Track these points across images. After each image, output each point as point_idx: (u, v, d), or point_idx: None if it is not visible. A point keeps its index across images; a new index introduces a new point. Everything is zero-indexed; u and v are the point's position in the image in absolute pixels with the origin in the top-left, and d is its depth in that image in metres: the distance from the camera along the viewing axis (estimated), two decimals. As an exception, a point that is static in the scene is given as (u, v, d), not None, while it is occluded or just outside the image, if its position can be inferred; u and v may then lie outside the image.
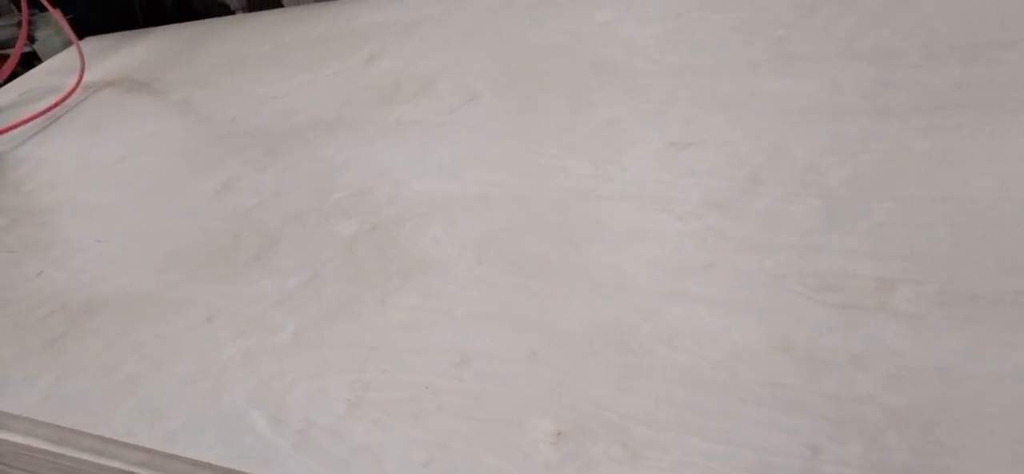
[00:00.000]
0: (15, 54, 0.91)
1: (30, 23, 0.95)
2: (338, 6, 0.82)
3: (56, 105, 0.80)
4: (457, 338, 0.36)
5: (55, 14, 0.90)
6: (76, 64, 0.87)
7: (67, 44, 1.01)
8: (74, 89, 0.83)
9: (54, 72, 0.94)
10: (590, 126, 0.48)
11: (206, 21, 0.94)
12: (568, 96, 0.52)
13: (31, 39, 1.12)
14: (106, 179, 0.62)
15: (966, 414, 0.27)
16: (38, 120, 0.78)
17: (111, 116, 0.74)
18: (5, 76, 0.92)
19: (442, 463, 0.31)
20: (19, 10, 0.90)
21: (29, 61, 1.11)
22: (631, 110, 0.48)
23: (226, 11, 1.11)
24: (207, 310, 0.43)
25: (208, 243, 0.49)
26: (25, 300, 0.49)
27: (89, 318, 0.45)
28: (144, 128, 0.69)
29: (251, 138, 0.60)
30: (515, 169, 0.47)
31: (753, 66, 0.48)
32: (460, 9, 0.71)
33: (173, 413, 0.37)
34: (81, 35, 0.97)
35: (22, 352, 0.44)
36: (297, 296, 0.42)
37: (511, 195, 0.44)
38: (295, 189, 0.52)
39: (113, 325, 0.44)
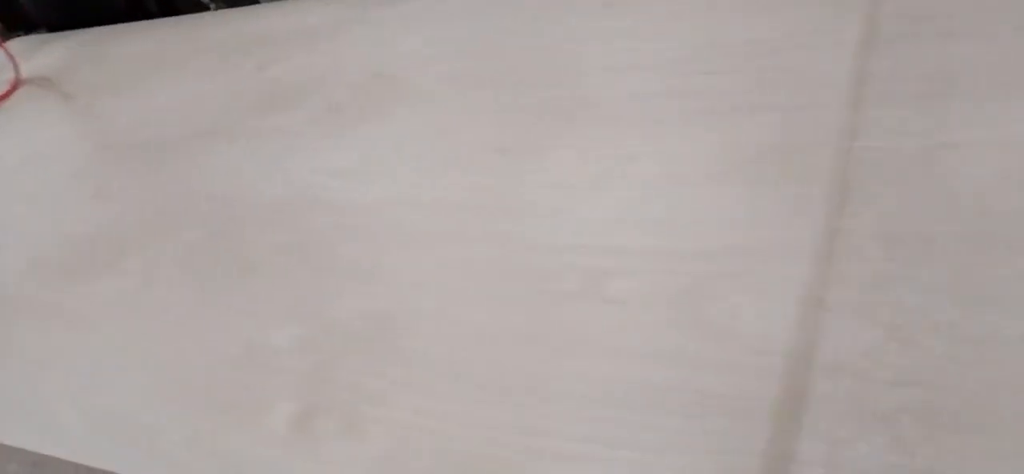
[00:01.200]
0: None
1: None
2: (263, 9, 0.83)
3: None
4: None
5: None
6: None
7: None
8: (10, 91, 0.84)
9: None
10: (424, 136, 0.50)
11: (129, 23, 0.95)
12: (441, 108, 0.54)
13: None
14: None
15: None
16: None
17: (18, 119, 0.76)
18: None
19: None
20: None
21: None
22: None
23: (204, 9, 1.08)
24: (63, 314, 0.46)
25: (69, 249, 0.51)
26: None
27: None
28: (45, 134, 0.71)
29: (139, 148, 0.62)
30: (361, 175, 0.49)
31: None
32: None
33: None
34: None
35: None
36: (132, 298, 0.45)
37: (349, 201, 0.47)
38: (161, 198, 0.54)
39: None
